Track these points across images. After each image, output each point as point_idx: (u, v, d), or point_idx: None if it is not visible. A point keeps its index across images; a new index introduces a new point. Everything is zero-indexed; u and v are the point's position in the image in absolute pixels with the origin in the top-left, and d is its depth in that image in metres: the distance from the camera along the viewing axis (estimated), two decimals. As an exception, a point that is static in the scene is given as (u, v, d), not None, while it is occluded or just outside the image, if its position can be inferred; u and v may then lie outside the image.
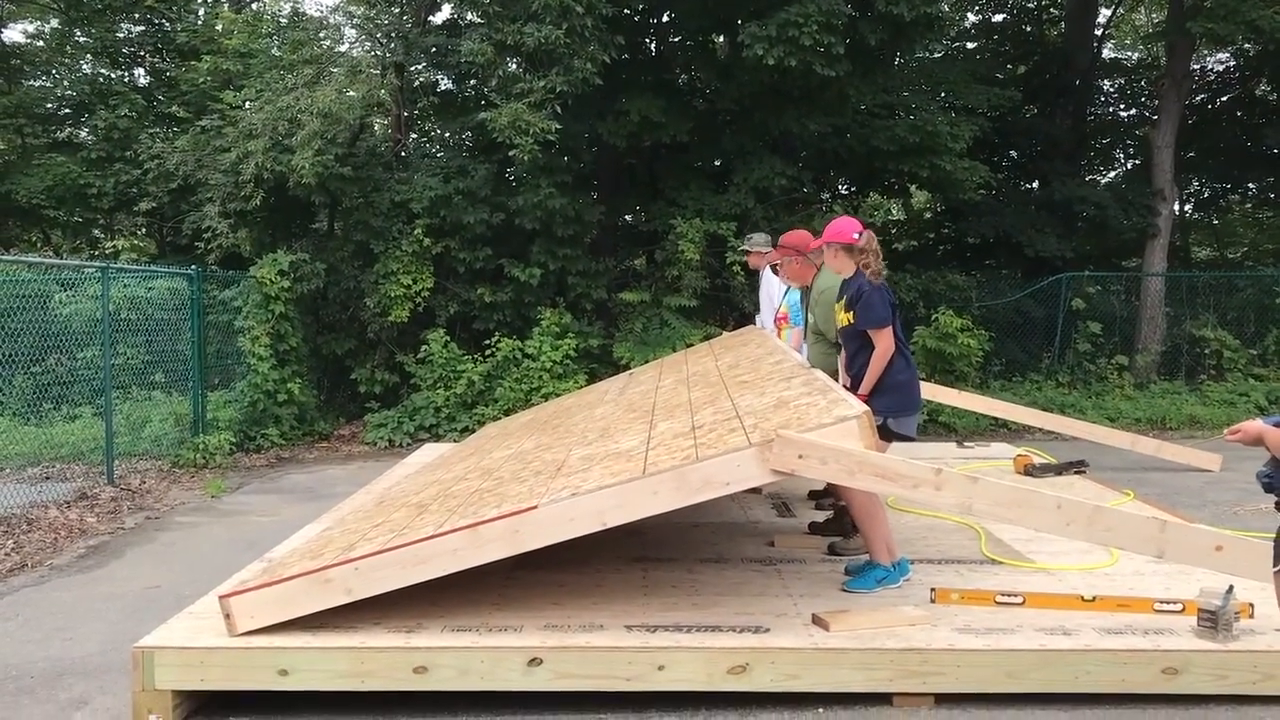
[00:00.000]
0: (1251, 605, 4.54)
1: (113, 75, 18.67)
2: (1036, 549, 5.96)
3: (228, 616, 4.40)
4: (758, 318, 9.12)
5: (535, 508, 4.44)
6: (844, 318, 5.63)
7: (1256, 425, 3.36)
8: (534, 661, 4.26)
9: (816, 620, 4.56)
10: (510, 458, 6.42)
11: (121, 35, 19.19)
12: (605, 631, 4.49)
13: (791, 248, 6.64)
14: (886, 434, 5.38)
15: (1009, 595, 4.90)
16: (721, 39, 16.38)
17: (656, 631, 4.48)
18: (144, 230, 18.69)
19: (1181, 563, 4.43)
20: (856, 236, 5.57)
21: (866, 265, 5.56)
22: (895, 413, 5.44)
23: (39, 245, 19.66)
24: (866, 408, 4.62)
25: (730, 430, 4.83)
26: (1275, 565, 3.30)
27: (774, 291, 8.39)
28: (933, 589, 4.99)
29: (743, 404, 5.40)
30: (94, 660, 5.13)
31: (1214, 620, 4.36)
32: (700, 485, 4.43)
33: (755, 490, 7.74)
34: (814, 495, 7.47)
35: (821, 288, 6.40)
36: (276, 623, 4.43)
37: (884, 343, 5.42)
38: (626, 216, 16.14)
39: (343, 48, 14.74)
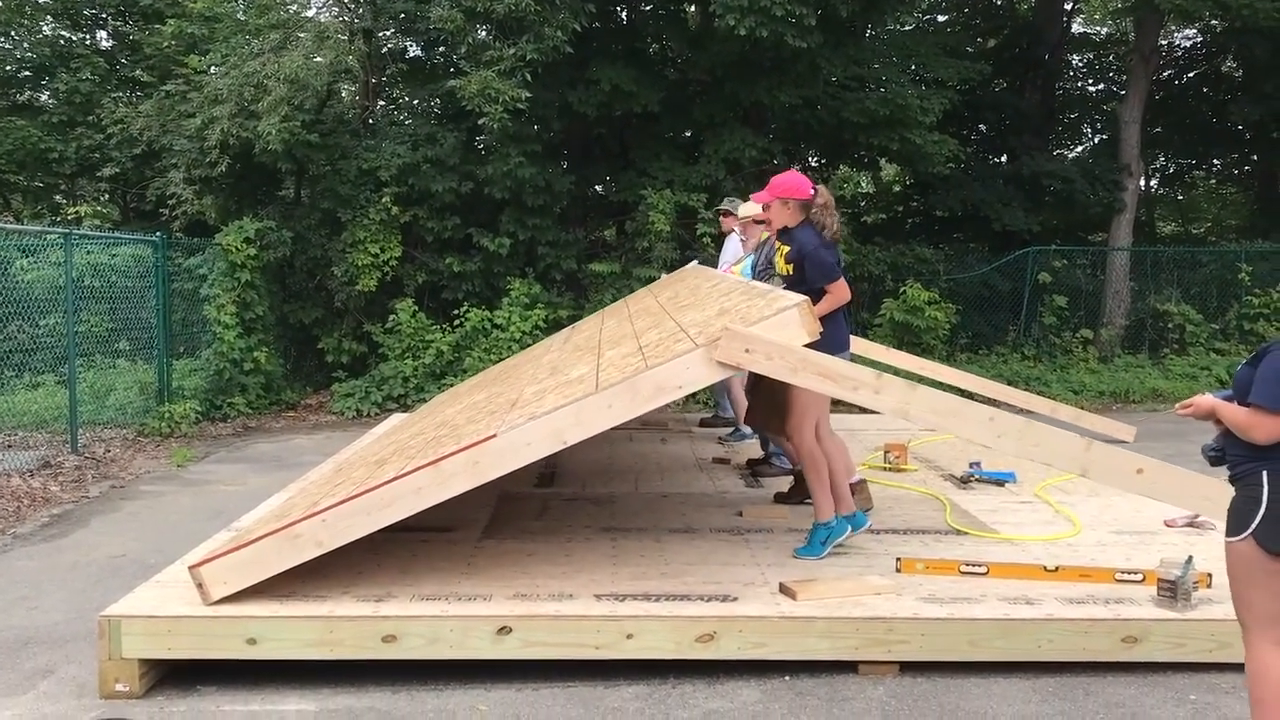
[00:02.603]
0: (1210, 575, 4.63)
1: (74, 38, 18.33)
2: (1000, 520, 6.04)
3: (200, 586, 4.38)
4: None
5: (494, 436, 4.47)
6: (785, 269, 5.62)
7: (1209, 400, 3.39)
8: (503, 630, 4.28)
9: (784, 589, 4.61)
10: (463, 409, 6.44)
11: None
12: (574, 600, 4.51)
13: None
14: None
15: (973, 565, 4.96)
16: (693, 8, 16.28)
17: (625, 600, 4.51)
18: (107, 196, 18.44)
19: (1103, 482, 4.52)
20: (812, 193, 5.53)
21: (824, 225, 5.54)
22: (833, 351, 5.25)
23: (-1, 211, 19.35)
24: (805, 297, 4.67)
25: (677, 341, 4.90)
26: (1229, 535, 3.35)
27: (729, 258, 8.45)
28: (898, 559, 5.05)
29: (686, 320, 5.47)
30: (59, 629, 5.10)
31: (1173, 590, 4.44)
32: (653, 392, 4.49)
33: (724, 460, 7.83)
34: (751, 463, 7.51)
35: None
36: (247, 589, 4.41)
37: (838, 294, 5.41)
38: (597, 187, 16.07)
39: (310, 13, 14.55)
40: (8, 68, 18.52)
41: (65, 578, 6.02)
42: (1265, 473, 3.22)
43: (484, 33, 13.03)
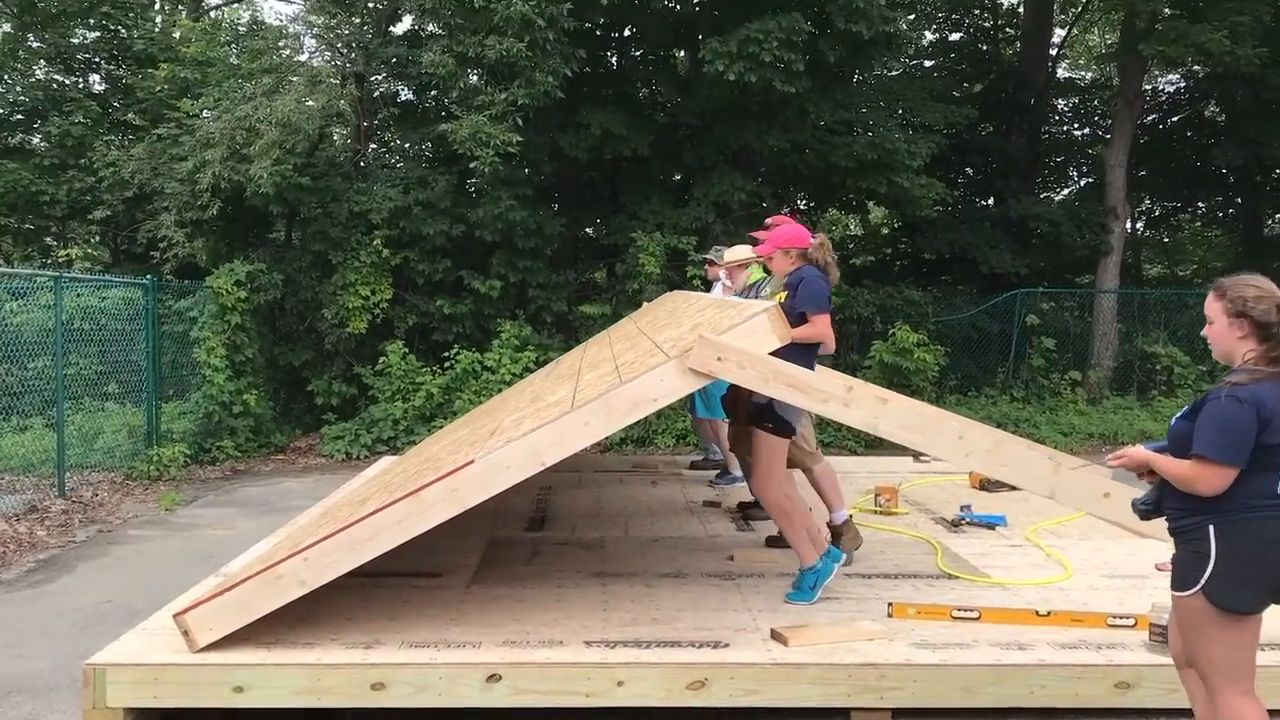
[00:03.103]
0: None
1: (67, 81, 18.42)
2: (992, 563, 6.03)
3: (186, 633, 4.35)
4: None
5: (471, 462, 4.46)
6: (779, 297, 5.62)
7: (1142, 452, 3.37)
8: (493, 678, 4.25)
9: (775, 635, 4.59)
10: (447, 444, 6.44)
11: (76, 41, 18.95)
12: (564, 647, 4.48)
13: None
14: (785, 427, 5.28)
15: (965, 610, 4.95)
16: (682, 54, 16.48)
17: (616, 647, 4.48)
18: (97, 238, 18.45)
19: (1070, 504, 4.51)
20: (812, 242, 5.56)
21: (824, 265, 5.55)
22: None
23: (-11, 253, 19.33)
24: (774, 303, 4.67)
25: (651, 356, 4.91)
26: (1177, 590, 3.32)
27: None
28: (890, 604, 5.04)
29: (661, 338, 5.48)
30: (44, 677, 5.05)
31: (1165, 635, 4.42)
32: (628, 407, 4.50)
33: (715, 504, 7.81)
34: (743, 506, 7.49)
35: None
36: (234, 636, 4.37)
37: (819, 327, 5.20)
38: (587, 229, 16.15)
39: (302, 57, 14.63)
40: (1, 111, 18.61)
41: (50, 625, 5.96)
42: (1211, 527, 3.20)
43: (475, 77, 13.14)
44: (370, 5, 14.17)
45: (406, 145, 16.60)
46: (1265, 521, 3.17)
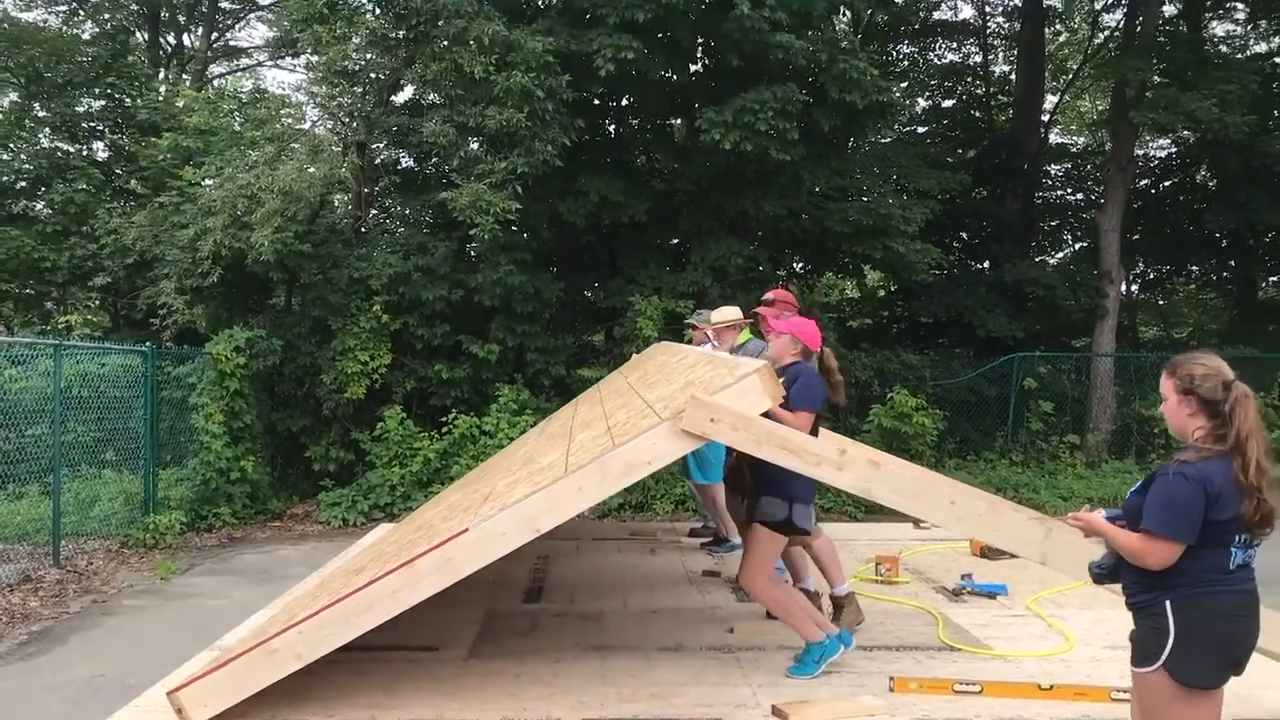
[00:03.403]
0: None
1: (71, 149, 18.62)
2: (993, 635, 5.98)
3: (179, 711, 4.30)
4: None
5: (466, 530, 4.43)
6: None
7: (1099, 522, 3.41)
8: (490, 756, 4.20)
9: (776, 712, 4.54)
10: (440, 510, 6.41)
11: (81, 110, 19.18)
12: (562, 724, 4.44)
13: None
14: (789, 528, 5.29)
15: (967, 684, 4.91)
16: (679, 122, 16.70)
17: (614, 724, 4.44)
18: (98, 304, 18.52)
19: (1062, 570, 4.49)
20: (820, 349, 5.58)
21: (835, 387, 5.54)
22: (800, 499, 5.29)
23: (-11, 319, 19.39)
24: (764, 361, 4.66)
25: (643, 417, 4.88)
26: (1137, 666, 3.32)
27: None
28: (891, 677, 4.99)
29: (652, 396, 5.46)
30: (35, 755, 4.99)
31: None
32: (623, 470, 4.49)
33: (714, 573, 7.77)
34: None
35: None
36: (229, 710, 4.33)
37: (798, 422, 5.12)
38: (585, 293, 16.25)
39: (304, 125, 14.82)
40: (5, 178, 18.78)
41: (42, 700, 5.90)
42: (1168, 603, 3.22)
43: (475, 145, 13.31)
44: (372, 76, 14.37)
45: (407, 212, 16.76)
46: (1220, 596, 3.20)
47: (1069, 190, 23.57)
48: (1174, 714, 3.22)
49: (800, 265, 18.22)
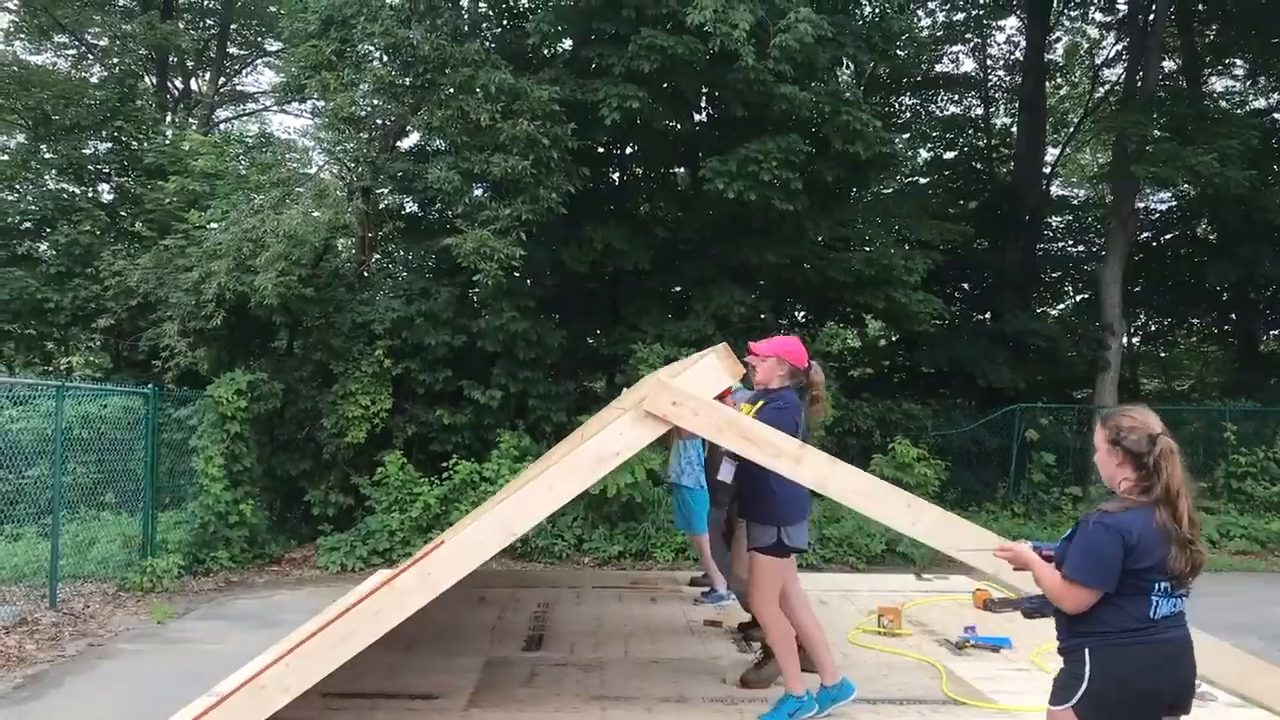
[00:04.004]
0: (1214, 751, 4.53)
1: (76, 191, 18.74)
2: (998, 688, 5.92)
3: (175, 760, 4.25)
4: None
5: (441, 543, 4.45)
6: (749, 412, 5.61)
7: (1027, 554, 3.55)
8: (489, 809, 4.14)
9: (779, 765, 4.48)
10: (430, 545, 6.37)
11: (88, 152, 19.33)
12: (563, 777, 4.38)
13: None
14: (783, 549, 5.30)
15: (972, 739, 4.85)
16: (682, 171, 16.82)
17: (615, 777, 4.38)
18: (99, 345, 18.54)
19: (1014, 583, 4.46)
20: (807, 365, 5.58)
21: (816, 399, 5.58)
22: (787, 522, 5.31)
23: (-10, 359, 19.40)
24: (723, 344, 4.69)
25: (614, 420, 4.87)
26: (1053, 704, 3.42)
27: None
28: (895, 732, 4.94)
29: (626, 404, 5.46)
30: (27, 803, 4.92)
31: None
32: (592, 464, 4.50)
33: (715, 623, 7.71)
34: (743, 626, 7.38)
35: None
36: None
37: None
38: (588, 340, 16.27)
39: (309, 170, 14.93)
40: (11, 220, 18.88)
41: (36, 745, 5.83)
42: (1087, 650, 3.33)
43: (479, 191, 13.39)
44: (378, 122, 14.50)
45: (410, 257, 16.83)
46: (1137, 646, 3.29)
47: (1070, 242, 23.68)
48: None
49: (802, 314, 18.26)
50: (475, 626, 7.56)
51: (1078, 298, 23.15)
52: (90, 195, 18.72)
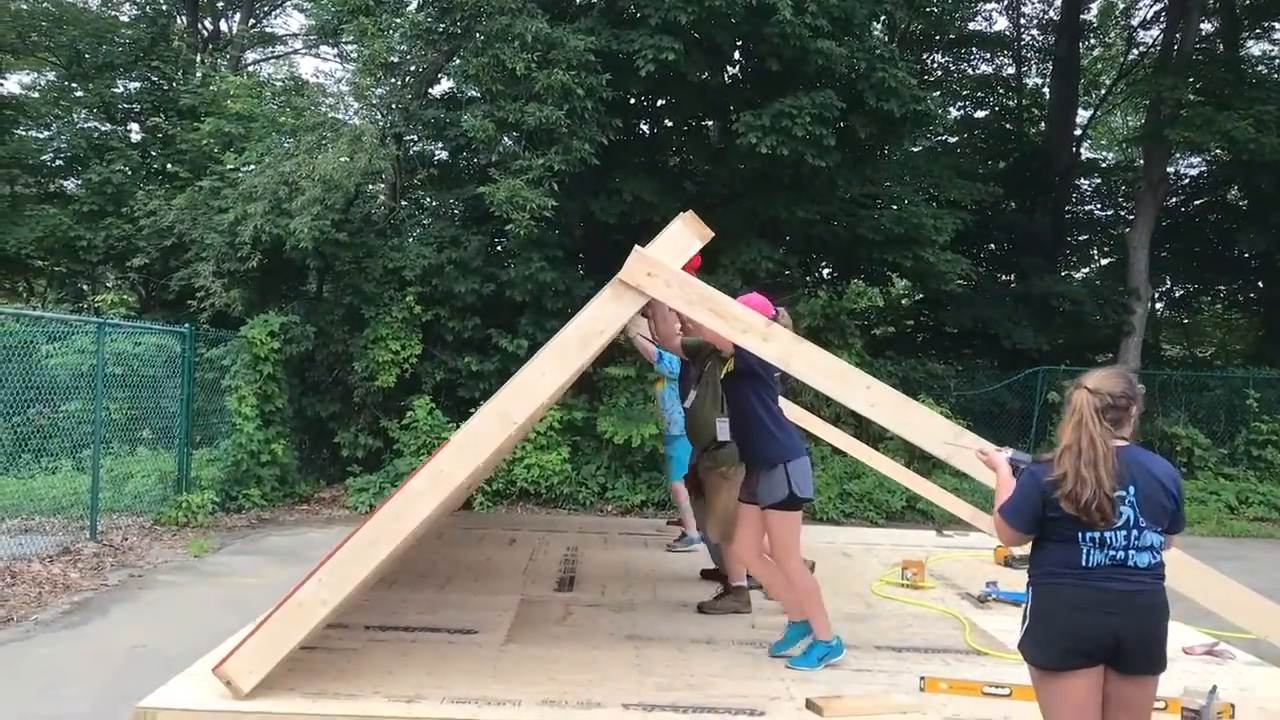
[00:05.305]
0: (1232, 706, 4.66)
1: (106, 129, 18.83)
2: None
3: (229, 683, 4.42)
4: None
5: (448, 441, 4.60)
6: (731, 365, 5.72)
7: (1000, 464, 3.96)
8: (533, 736, 4.32)
9: (810, 705, 4.64)
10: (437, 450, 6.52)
11: (119, 91, 19.41)
12: (603, 709, 4.55)
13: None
14: (794, 502, 5.43)
15: (996, 687, 4.99)
16: (713, 124, 16.79)
17: (654, 711, 4.54)
18: (128, 284, 18.74)
19: (969, 470, 4.59)
20: (774, 313, 5.63)
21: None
22: (792, 457, 5.44)
23: (25, 296, 19.65)
24: (689, 210, 4.84)
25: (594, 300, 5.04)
26: (1019, 639, 3.64)
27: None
28: (922, 677, 5.08)
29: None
30: (87, 719, 5.13)
31: (1197, 718, 4.48)
32: (579, 344, 4.63)
33: (714, 573, 7.82)
34: (706, 574, 7.42)
35: None
36: (280, 685, 4.46)
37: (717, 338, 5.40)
38: (614, 291, 16.34)
39: (344, 115, 14.98)
40: (43, 157, 19.03)
41: (89, 667, 6.05)
42: (1031, 588, 3.55)
43: (510, 141, 13.43)
44: (412, 68, 14.52)
45: (436, 204, 16.90)
46: (1070, 590, 3.43)
47: (1099, 205, 23.54)
48: (1035, 687, 3.62)
49: (829, 271, 18.30)
50: (508, 568, 7.75)
51: (1104, 261, 23.08)
52: (121, 134, 18.83)
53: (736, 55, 14.89)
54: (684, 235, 4.72)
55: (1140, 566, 3.40)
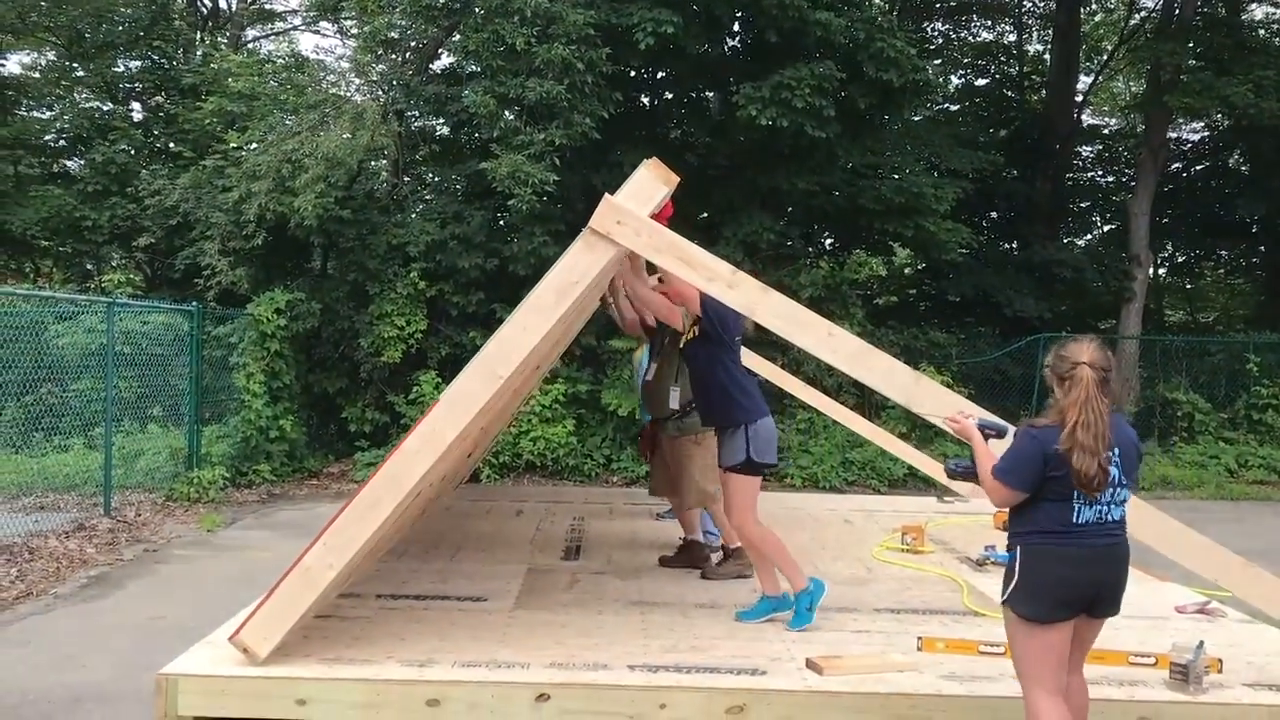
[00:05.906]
0: (1220, 660, 4.80)
1: (107, 108, 18.86)
2: (1016, 602, 6.19)
3: (245, 650, 4.55)
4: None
5: (437, 402, 4.71)
6: (691, 332, 5.87)
7: (973, 431, 4.10)
8: (541, 697, 4.45)
9: (810, 664, 4.78)
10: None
11: (120, 70, 19.42)
12: (609, 670, 4.68)
13: None
14: (753, 466, 5.53)
15: (992, 645, 5.12)
16: (713, 95, 16.82)
17: (658, 671, 4.67)
18: (134, 263, 18.85)
19: (925, 413, 4.70)
20: None
21: None
22: (753, 418, 5.55)
23: (31, 276, 19.76)
24: (653, 158, 4.93)
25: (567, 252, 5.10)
26: (1004, 596, 3.80)
27: None
28: (919, 637, 5.22)
29: None
30: (108, 687, 5.30)
31: (1185, 673, 4.60)
32: (555, 297, 4.69)
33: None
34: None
35: None
36: (297, 651, 4.61)
37: (684, 291, 5.63)
38: (617, 265, 16.42)
39: (345, 92, 15.03)
40: (46, 137, 19.08)
41: (107, 638, 6.21)
42: (1019, 548, 3.74)
43: (511, 116, 13.49)
44: (413, 44, 14.56)
45: (439, 180, 16.97)
46: (1061, 548, 3.66)
47: (1100, 172, 23.53)
48: (1018, 639, 3.79)
49: (830, 241, 18.36)
50: (515, 537, 7.90)
51: (1105, 228, 23.10)
52: (123, 114, 18.88)
53: (736, 27, 14.92)
54: (650, 181, 4.80)
55: (1115, 520, 3.72)
